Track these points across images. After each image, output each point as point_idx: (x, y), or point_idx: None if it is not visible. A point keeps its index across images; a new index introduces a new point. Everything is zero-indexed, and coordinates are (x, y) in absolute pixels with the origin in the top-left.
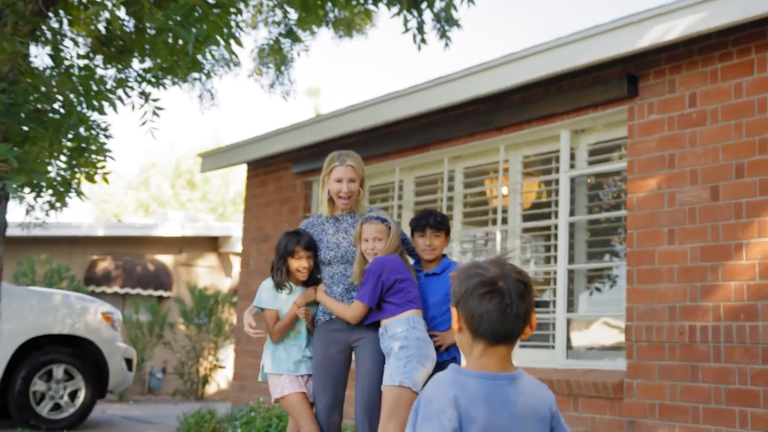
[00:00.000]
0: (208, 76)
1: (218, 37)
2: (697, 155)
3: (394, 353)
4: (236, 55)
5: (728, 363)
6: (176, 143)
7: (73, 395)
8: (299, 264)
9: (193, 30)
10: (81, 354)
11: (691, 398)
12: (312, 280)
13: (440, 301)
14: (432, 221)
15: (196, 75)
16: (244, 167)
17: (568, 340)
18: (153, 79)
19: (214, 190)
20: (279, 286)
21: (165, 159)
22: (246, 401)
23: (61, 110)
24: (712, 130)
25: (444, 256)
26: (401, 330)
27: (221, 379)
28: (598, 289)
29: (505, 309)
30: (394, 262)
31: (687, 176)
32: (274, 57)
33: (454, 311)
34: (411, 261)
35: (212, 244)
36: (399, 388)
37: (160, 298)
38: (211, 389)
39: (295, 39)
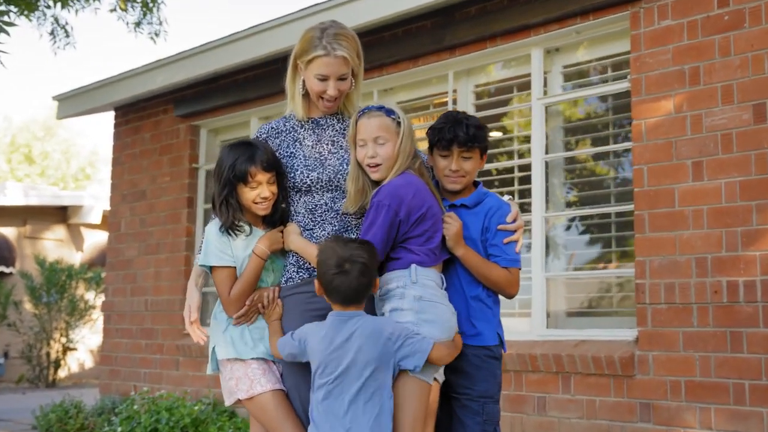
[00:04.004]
0: (64, 3)
1: None
2: (731, 67)
3: None
4: None
5: None
6: (12, 115)
7: None
8: (256, 193)
9: None
10: None
11: (731, 373)
12: (277, 214)
13: (469, 246)
14: (462, 135)
15: (48, 1)
16: (103, 123)
17: (547, 304)
18: None
19: (53, 165)
20: (230, 229)
21: None
22: (120, 390)
23: None
24: (753, 35)
25: (477, 183)
26: (396, 285)
27: (73, 362)
28: (585, 241)
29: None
30: (417, 189)
31: (718, 94)
32: None
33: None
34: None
35: (60, 215)
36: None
37: (2, 274)
38: (61, 374)
39: None
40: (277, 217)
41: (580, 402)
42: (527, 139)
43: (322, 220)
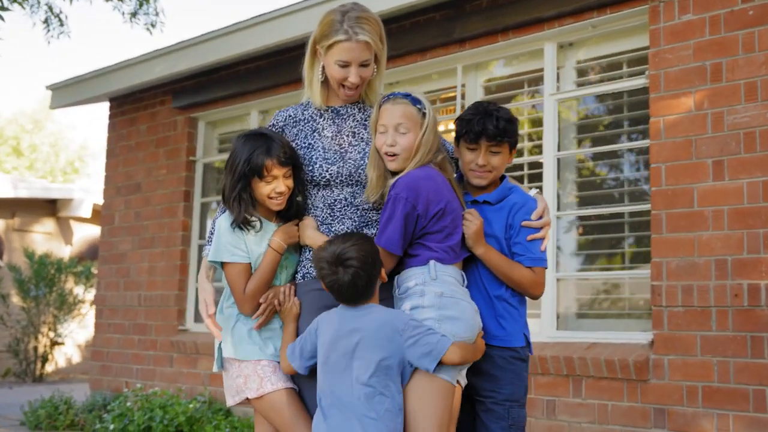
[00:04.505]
0: None
1: None
2: (756, 64)
3: None
4: None
5: None
6: (0, 107)
7: None
8: (271, 188)
9: None
10: None
11: (752, 379)
12: (293, 209)
13: (492, 244)
14: (491, 128)
15: None
16: (99, 112)
17: (558, 305)
18: None
19: (42, 158)
20: (242, 224)
21: None
22: (111, 386)
23: None
24: None
25: (503, 177)
26: (414, 283)
27: (60, 357)
28: (596, 242)
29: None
30: (435, 182)
31: (741, 91)
32: None
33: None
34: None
35: (50, 208)
36: (414, 372)
37: None
38: (48, 368)
39: None
40: (292, 212)
41: (592, 406)
42: (538, 136)
43: (342, 215)
